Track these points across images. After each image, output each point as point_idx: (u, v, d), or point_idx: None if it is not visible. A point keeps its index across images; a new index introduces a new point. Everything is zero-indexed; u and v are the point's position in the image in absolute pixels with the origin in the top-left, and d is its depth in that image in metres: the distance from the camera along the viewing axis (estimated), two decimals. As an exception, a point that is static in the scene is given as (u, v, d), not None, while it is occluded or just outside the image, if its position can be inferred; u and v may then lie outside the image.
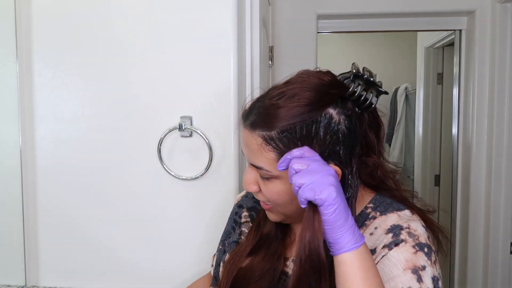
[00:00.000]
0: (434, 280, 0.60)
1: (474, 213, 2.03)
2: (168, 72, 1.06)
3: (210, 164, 1.04)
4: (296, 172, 0.56)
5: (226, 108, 1.05)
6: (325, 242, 0.57)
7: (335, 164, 0.62)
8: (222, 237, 0.86)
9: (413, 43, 3.14)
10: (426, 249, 0.62)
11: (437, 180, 2.89)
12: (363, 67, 0.66)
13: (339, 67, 0.72)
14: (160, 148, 1.05)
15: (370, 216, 0.68)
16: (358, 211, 0.69)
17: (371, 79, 0.64)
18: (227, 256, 0.79)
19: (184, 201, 1.08)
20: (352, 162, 0.64)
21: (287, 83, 0.65)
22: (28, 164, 1.12)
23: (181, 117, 1.06)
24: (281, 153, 0.61)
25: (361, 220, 0.68)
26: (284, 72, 0.67)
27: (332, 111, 0.62)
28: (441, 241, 0.69)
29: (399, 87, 3.75)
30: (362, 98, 0.63)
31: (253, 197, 0.83)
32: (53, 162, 1.12)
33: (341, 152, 0.62)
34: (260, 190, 0.68)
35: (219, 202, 1.07)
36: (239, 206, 0.87)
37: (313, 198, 0.54)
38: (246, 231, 0.81)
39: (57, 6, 1.09)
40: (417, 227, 0.64)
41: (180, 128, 1.03)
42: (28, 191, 1.12)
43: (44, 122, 1.11)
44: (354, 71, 0.65)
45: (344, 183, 0.63)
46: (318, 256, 0.57)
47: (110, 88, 1.09)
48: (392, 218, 0.66)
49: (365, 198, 0.71)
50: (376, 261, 0.62)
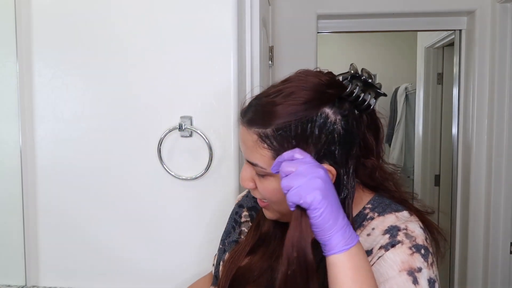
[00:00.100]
0: (430, 282, 0.60)
1: (474, 213, 2.03)
2: (168, 72, 1.06)
3: (210, 164, 1.04)
4: (286, 175, 0.56)
5: (226, 108, 1.05)
6: (318, 242, 0.57)
7: (330, 164, 0.62)
8: (223, 237, 0.86)
9: (413, 43, 3.14)
10: (423, 251, 0.61)
11: (437, 180, 2.89)
12: (362, 68, 0.65)
13: (339, 67, 0.72)
14: (160, 148, 1.05)
15: (368, 217, 0.68)
16: (356, 212, 0.69)
17: (370, 81, 0.64)
18: (227, 255, 0.79)
19: (184, 201, 1.08)
20: (349, 163, 0.63)
21: (285, 81, 0.65)
22: (28, 164, 1.12)
23: (181, 117, 1.06)
24: (275, 151, 0.61)
25: (359, 221, 0.68)
26: (284, 72, 0.67)
27: (329, 111, 0.61)
28: (439, 243, 0.68)
29: (399, 87, 3.75)
30: (360, 99, 0.63)
31: (254, 197, 0.83)
32: (53, 162, 1.12)
33: (337, 152, 0.62)
34: (256, 187, 0.68)
35: (219, 202, 1.07)
36: (240, 206, 0.87)
37: (299, 202, 0.55)
38: (246, 231, 0.81)
39: (57, 6, 1.09)
40: (415, 229, 0.64)
41: (180, 128, 1.03)
42: (28, 191, 1.12)
43: (44, 122, 1.11)
44: (353, 72, 0.65)
45: (339, 183, 0.63)
46: (305, 257, 0.57)
47: (110, 88, 1.09)
48: (390, 219, 0.66)
49: (364, 199, 0.70)
50: (372, 262, 0.62)
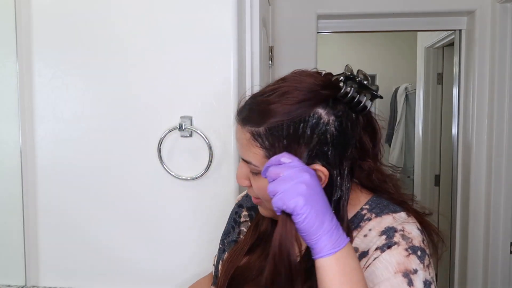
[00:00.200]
0: (426, 284, 0.59)
1: (474, 213, 2.03)
2: (168, 72, 1.06)
3: (210, 164, 1.04)
4: (273, 180, 0.57)
5: (226, 108, 1.05)
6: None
7: (323, 165, 0.61)
8: (222, 236, 0.86)
9: (413, 43, 3.14)
10: (419, 253, 0.61)
11: (437, 180, 2.89)
12: (358, 70, 0.65)
13: (339, 67, 0.71)
14: (160, 148, 1.05)
15: (365, 218, 0.67)
16: (354, 213, 0.68)
17: (365, 82, 0.63)
18: (226, 255, 0.79)
19: (184, 201, 1.08)
20: (344, 164, 0.63)
21: (281, 81, 0.65)
22: (28, 164, 1.12)
23: (181, 117, 1.06)
24: (267, 150, 0.62)
25: (356, 222, 0.67)
26: (284, 72, 0.67)
27: (322, 111, 0.61)
28: (437, 245, 0.68)
29: (399, 87, 3.75)
30: (355, 101, 0.62)
31: None
32: (53, 162, 1.12)
33: (330, 153, 0.61)
34: (251, 185, 0.68)
35: (219, 202, 1.07)
36: (239, 206, 0.87)
37: (282, 208, 0.55)
38: (245, 231, 0.81)
39: (57, 6, 1.09)
40: (412, 230, 0.63)
41: (180, 128, 1.03)
42: (28, 191, 1.12)
43: (44, 122, 1.11)
44: (347, 73, 0.64)
45: (332, 184, 0.63)
46: (289, 257, 0.58)
47: (110, 88, 1.09)
48: (387, 220, 0.65)
49: (361, 200, 0.70)
50: (368, 263, 0.62)
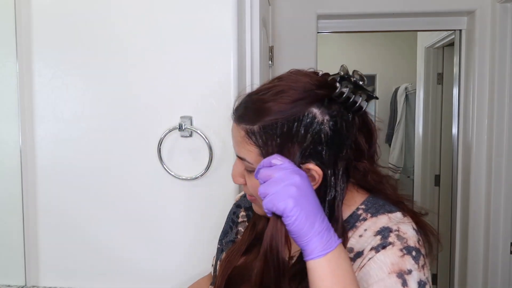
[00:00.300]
0: (420, 285, 0.59)
1: (474, 213, 2.03)
2: (168, 72, 1.06)
3: (210, 164, 1.04)
4: (265, 182, 0.57)
5: (226, 108, 1.04)
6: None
7: (316, 164, 0.61)
8: (220, 237, 0.86)
9: (413, 43, 3.14)
10: (414, 253, 0.61)
11: (437, 180, 2.89)
12: (354, 70, 0.65)
13: (339, 67, 0.71)
14: (160, 148, 1.05)
15: (361, 218, 0.67)
16: (349, 213, 0.68)
17: (360, 83, 0.63)
18: (223, 255, 0.79)
19: (184, 201, 1.08)
20: (338, 165, 0.63)
21: (277, 80, 0.65)
22: (28, 164, 1.12)
23: (181, 117, 1.06)
24: (261, 148, 0.62)
25: (352, 222, 0.67)
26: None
27: (316, 111, 0.61)
28: (433, 245, 0.67)
29: (399, 87, 3.75)
30: (351, 101, 0.62)
31: None
32: (53, 162, 1.12)
33: (324, 153, 0.61)
34: (246, 183, 0.68)
35: (219, 202, 1.07)
36: (237, 206, 0.87)
37: (272, 210, 0.56)
38: (243, 231, 0.81)
39: (57, 6, 1.09)
40: (407, 230, 0.63)
41: (180, 128, 1.03)
42: (28, 191, 1.12)
43: (44, 122, 1.11)
44: (342, 73, 0.64)
45: (326, 184, 0.63)
46: (277, 254, 0.59)
47: (110, 88, 1.09)
48: (383, 220, 0.65)
49: (357, 200, 0.69)
50: (363, 264, 0.62)
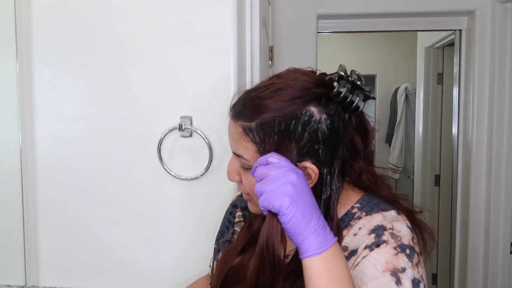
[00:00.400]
0: (414, 283, 0.59)
1: (474, 213, 2.03)
2: (168, 72, 1.06)
3: (210, 164, 1.04)
4: (261, 180, 0.57)
5: (226, 108, 1.04)
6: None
7: (313, 163, 0.62)
8: (217, 237, 0.86)
9: (413, 43, 3.15)
10: (408, 251, 0.61)
11: (437, 180, 2.89)
12: (352, 70, 0.65)
13: (337, 67, 0.71)
14: (160, 148, 1.05)
15: (356, 216, 0.67)
16: (344, 211, 0.68)
17: (358, 83, 0.63)
18: (220, 255, 0.80)
19: (184, 201, 1.08)
20: (335, 164, 0.63)
21: (275, 78, 0.66)
22: (28, 164, 1.12)
23: (181, 117, 1.06)
24: (258, 145, 0.62)
25: (347, 220, 0.67)
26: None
27: (314, 109, 0.61)
28: (427, 243, 0.67)
29: (399, 87, 3.75)
30: (348, 100, 0.62)
31: None
32: (53, 162, 1.12)
33: (320, 151, 0.62)
34: (241, 181, 0.68)
35: (219, 202, 1.06)
36: (234, 206, 0.87)
37: (268, 208, 0.56)
38: (239, 230, 0.81)
39: (57, 6, 1.09)
40: (401, 228, 0.63)
41: (180, 128, 1.03)
42: (28, 191, 1.12)
43: (44, 122, 1.11)
44: (341, 73, 0.64)
45: (322, 183, 0.63)
46: (273, 252, 0.59)
47: (110, 88, 1.09)
48: (377, 219, 0.65)
49: (353, 198, 0.70)
50: (357, 262, 0.62)
